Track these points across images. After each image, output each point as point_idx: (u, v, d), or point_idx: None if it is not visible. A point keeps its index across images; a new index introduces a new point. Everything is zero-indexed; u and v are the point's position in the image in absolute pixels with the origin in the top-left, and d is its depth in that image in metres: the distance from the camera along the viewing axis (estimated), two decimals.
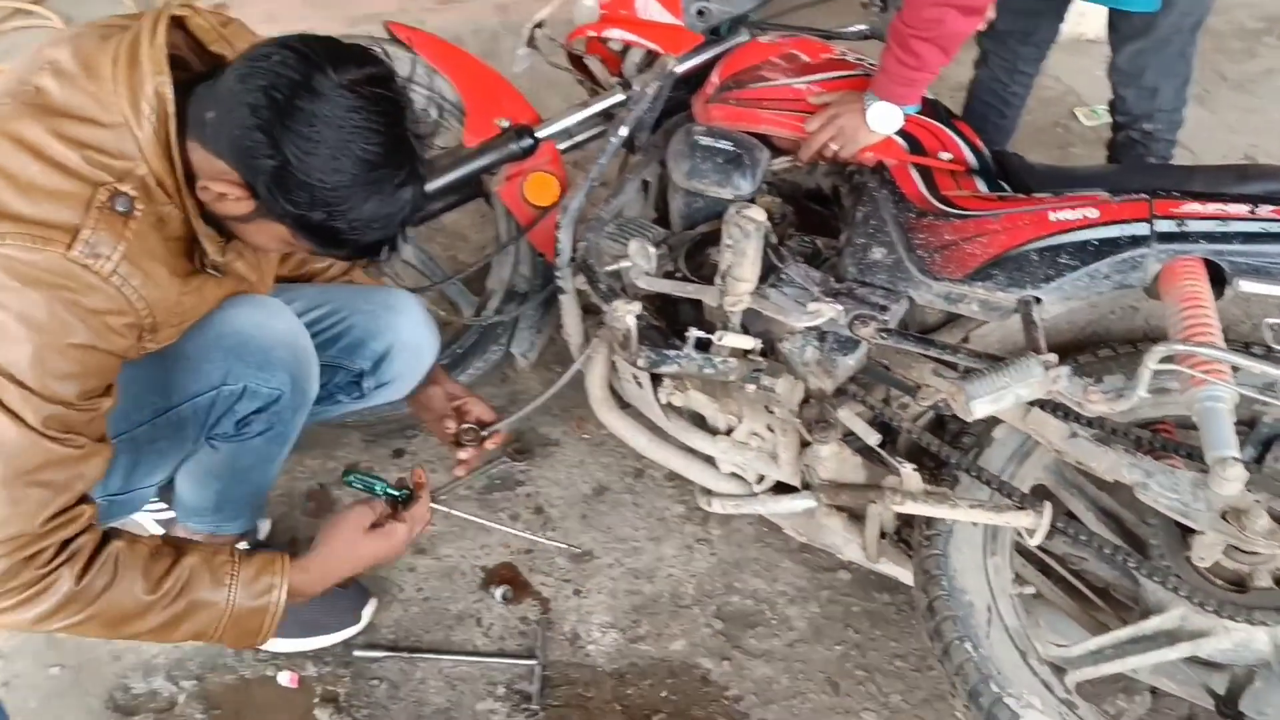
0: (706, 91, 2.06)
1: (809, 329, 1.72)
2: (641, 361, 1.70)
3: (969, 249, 1.75)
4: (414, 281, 2.21)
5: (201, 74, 1.27)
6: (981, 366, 1.57)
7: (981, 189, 1.89)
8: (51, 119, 1.22)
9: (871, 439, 1.68)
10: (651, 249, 1.79)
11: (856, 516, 1.78)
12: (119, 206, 1.22)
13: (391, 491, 1.57)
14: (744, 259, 1.65)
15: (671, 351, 1.70)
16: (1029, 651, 1.53)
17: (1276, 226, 1.63)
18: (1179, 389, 1.52)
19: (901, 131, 1.91)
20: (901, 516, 1.75)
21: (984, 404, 1.51)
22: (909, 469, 1.61)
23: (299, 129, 1.18)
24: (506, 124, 2.06)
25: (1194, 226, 1.66)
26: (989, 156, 1.96)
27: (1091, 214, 1.72)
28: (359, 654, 1.85)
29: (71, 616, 1.27)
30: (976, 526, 1.64)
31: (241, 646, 1.44)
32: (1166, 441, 1.67)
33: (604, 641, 1.90)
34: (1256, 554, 1.47)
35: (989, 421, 1.73)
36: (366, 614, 1.89)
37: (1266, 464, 1.67)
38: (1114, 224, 1.70)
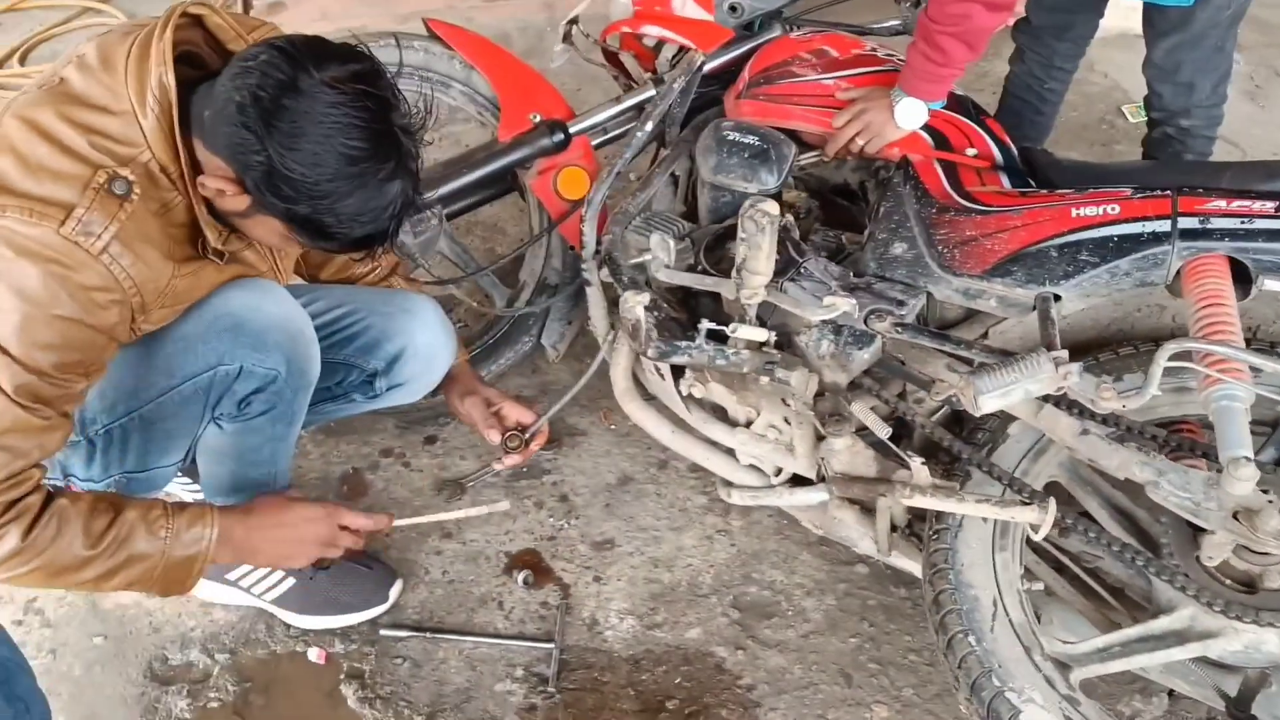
0: (738, 87, 2.09)
1: (824, 323, 1.73)
2: (651, 352, 1.72)
3: (989, 244, 1.75)
4: (448, 273, 2.26)
5: (215, 72, 1.32)
6: (993, 361, 1.57)
7: (1006, 185, 1.88)
8: (66, 105, 1.29)
9: (882, 433, 1.68)
10: (672, 242, 1.81)
11: (869, 510, 1.79)
12: (116, 189, 1.28)
13: None
14: (759, 252, 1.66)
15: (683, 343, 1.73)
16: (1033, 647, 1.53)
17: None
18: (1197, 388, 1.51)
19: (928, 127, 1.91)
20: (913, 510, 1.76)
21: (992, 399, 1.50)
22: (918, 463, 1.61)
23: (282, 126, 1.23)
24: (539, 119, 2.11)
25: (1218, 224, 1.63)
26: (1016, 153, 1.95)
27: (1113, 210, 1.70)
28: (385, 633, 1.91)
29: (16, 569, 1.34)
30: (985, 522, 1.63)
31: (169, 594, 1.49)
32: (1183, 440, 1.65)
33: (621, 628, 1.93)
34: (1268, 555, 1.45)
35: (1004, 418, 1.72)
36: (393, 594, 1.94)
37: None
38: (1136, 220, 1.68)
